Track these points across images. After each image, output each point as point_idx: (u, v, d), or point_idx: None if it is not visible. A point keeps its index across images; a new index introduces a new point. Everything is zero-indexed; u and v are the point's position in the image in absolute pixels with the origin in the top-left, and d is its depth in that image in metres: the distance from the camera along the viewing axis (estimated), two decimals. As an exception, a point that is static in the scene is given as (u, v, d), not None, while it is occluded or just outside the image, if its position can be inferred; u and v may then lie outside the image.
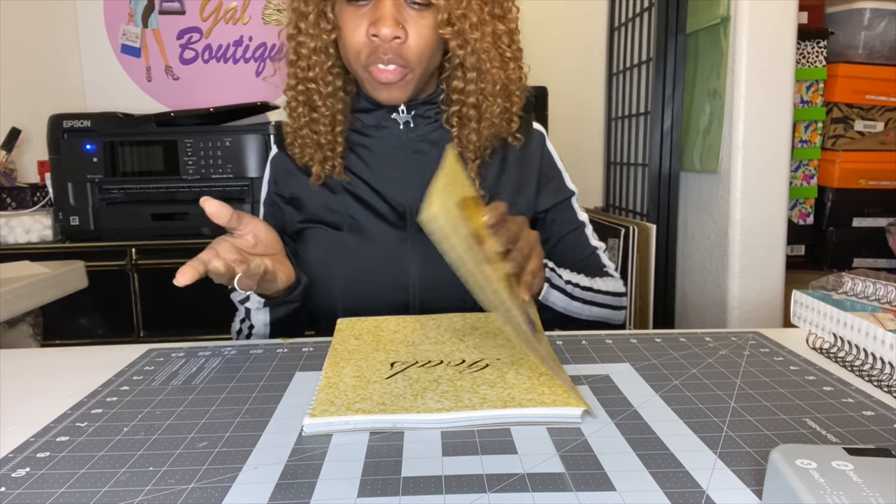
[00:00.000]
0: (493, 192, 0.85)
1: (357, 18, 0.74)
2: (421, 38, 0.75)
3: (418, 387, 0.53)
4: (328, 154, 0.83)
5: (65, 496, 0.39)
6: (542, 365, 0.56)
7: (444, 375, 0.55)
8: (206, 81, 2.13)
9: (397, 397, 0.51)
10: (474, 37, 0.75)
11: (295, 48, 0.79)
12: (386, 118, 0.84)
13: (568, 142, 2.13)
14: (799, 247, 1.84)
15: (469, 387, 0.52)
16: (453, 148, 0.75)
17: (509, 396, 0.50)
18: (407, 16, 0.74)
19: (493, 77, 0.78)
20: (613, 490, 0.38)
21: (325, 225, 0.84)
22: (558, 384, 0.52)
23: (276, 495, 0.39)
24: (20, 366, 0.65)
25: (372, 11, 0.73)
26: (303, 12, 0.77)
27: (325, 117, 0.81)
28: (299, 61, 0.79)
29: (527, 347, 0.55)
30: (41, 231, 1.76)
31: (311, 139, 0.82)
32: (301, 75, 0.80)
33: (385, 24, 0.72)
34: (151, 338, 1.75)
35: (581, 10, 2.14)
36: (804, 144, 1.77)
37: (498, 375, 0.54)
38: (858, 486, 0.31)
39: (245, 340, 0.77)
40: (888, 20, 1.72)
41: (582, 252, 0.89)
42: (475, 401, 0.49)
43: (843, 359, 0.60)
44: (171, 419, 0.50)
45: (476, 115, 0.79)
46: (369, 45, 0.74)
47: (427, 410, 0.48)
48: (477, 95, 0.78)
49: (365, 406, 0.49)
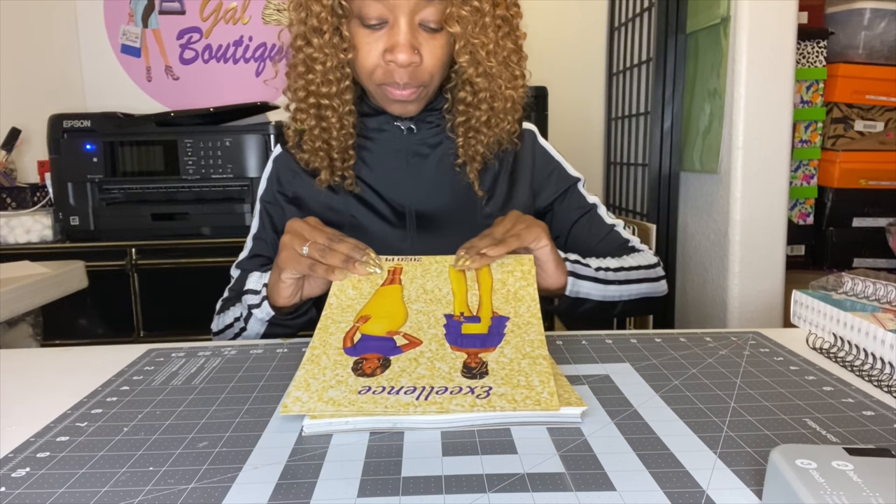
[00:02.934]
0: (489, 194, 0.85)
1: (372, 42, 0.74)
2: (434, 58, 0.75)
3: (397, 367, 0.53)
4: (338, 165, 0.82)
5: (65, 496, 0.39)
6: (532, 343, 0.58)
7: (427, 351, 0.56)
8: (206, 81, 2.13)
9: (371, 382, 0.51)
10: (490, 64, 0.76)
11: (305, 61, 0.78)
12: (388, 122, 0.84)
13: (568, 142, 2.13)
14: (799, 247, 1.84)
15: (447, 370, 0.53)
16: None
17: (483, 389, 0.50)
18: (421, 39, 0.74)
19: (504, 96, 0.79)
20: (613, 490, 0.38)
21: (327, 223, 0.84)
22: (539, 374, 0.52)
23: (276, 495, 0.39)
24: (20, 366, 0.65)
25: (387, 36, 0.73)
26: (316, 28, 0.75)
27: (340, 133, 0.80)
28: (309, 74, 0.78)
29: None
30: (41, 231, 1.76)
31: (324, 150, 0.82)
32: (313, 89, 0.78)
33: (402, 50, 0.72)
34: (151, 338, 1.75)
35: (581, 10, 2.14)
36: (804, 144, 1.77)
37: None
38: (858, 486, 0.31)
39: (245, 340, 0.77)
40: (888, 20, 1.72)
41: (599, 232, 0.89)
42: (447, 396, 0.49)
43: (843, 359, 0.60)
44: (171, 419, 0.50)
45: (487, 130, 0.81)
46: (384, 68, 0.74)
47: (395, 409, 0.48)
48: (488, 113, 0.80)
49: (337, 395, 0.49)
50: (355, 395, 0.49)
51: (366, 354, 0.56)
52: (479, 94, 0.79)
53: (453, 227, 0.83)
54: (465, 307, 0.63)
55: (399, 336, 0.59)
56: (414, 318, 0.61)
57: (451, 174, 0.85)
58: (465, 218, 0.84)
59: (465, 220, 0.84)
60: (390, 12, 0.72)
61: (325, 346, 0.57)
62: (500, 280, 0.67)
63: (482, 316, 0.62)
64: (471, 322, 0.61)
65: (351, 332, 0.59)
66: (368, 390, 0.50)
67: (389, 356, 0.55)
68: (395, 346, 0.57)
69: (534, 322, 0.61)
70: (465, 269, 0.67)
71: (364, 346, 0.57)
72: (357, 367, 0.54)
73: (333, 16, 0.74)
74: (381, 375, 0.52)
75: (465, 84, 0.79)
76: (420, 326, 0.60)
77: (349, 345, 0.57)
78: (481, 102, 0.79)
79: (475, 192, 0.84)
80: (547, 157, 0.91)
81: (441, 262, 0.71)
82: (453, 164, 0.84)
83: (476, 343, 0.57)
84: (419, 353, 0.56)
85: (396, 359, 0.55)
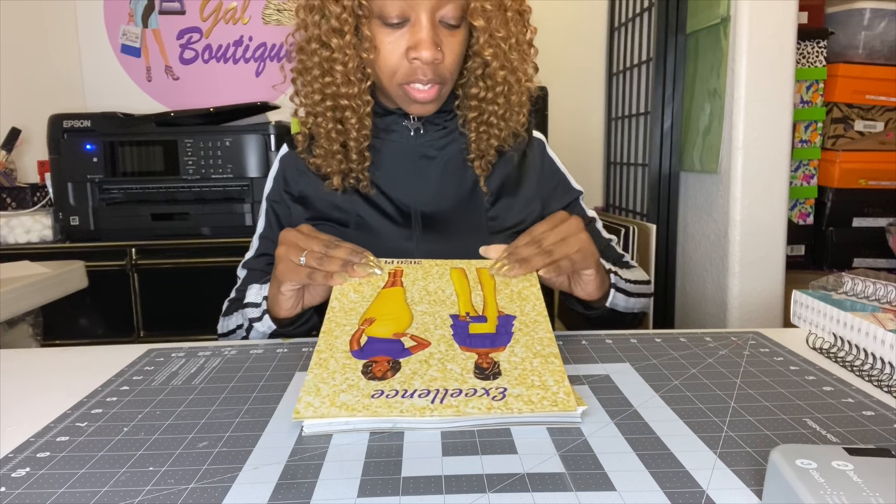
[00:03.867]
0: (495, 196, 0.85)
1: (395, 41, 0.74)
2: (454, 55, 0.76)
3: (407, 369, 0.53)
4: (354, 167, 0.82)
5: (65, 496, 0.39)
6: (542, 340, 0.57)
7: (437, 352, 0.55)
8: (206, 81, 2.13)
9: (384, 385, 0.51)
10: (513, 57, 0.77)
11: (322, 63, 0.76)
12: (397, 123, 0.84)
13: (568, 142, 2.13)
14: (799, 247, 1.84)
15: (459, 372, 0.52)
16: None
17: (497, 390, 0.50)
18: (442, 36, 0.74)
19: (521, 89, 0.80)
20: (613, 490, 0.38)
21: (333, 222, 0.84)
22: (553, 373, 0.52)
23: (276, 495, 0.39)
24: (20, 366, 0.65)
25: (410, 34, 0.73)
26: (336, 29, 0.74)
27: (359, 132, 0.80)
28: (326, 77, 0.77)
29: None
30: (41, 231, 1.76)
31: (341, 153, 0.81)
32: (331, 91, 0.78)
33: (426, 47, 0.72)
34: (151, 338, 1.75)
35: (581, 10, 2.14)
36: (804, 144, 1.77)
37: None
38: (858, 486, 0.31)
39: (244, 341, 0.77)
40: (888, 20, 1.72)
41: (598, 246, 0.90)
42: (462, 399, 0.49)
43: (843, 359, 0.60)
44: (171, 419, 0.50)
45: (503, 124, 0.82)
46: (408, 67, 0.74)
47: (411, 412, 0.47)
48: (505, 107, 0.81)
49: (350, 399, 0.49)
50: (368, 400, 0.49)
51: (375, 357, 0.55)
52: (497, 89, 0.79)
53: (458, 228, 0.83)
54: (469, 307, 0.63)
55: (406, 338, 0.58)
56: (419, 320, 0.60)
57: (457, 176, 0.85)
58: (470, 219, 0.84)
59: (470, 221, 0.84)
60: (412, 10, 0.72)
61: (331, 350, 0.56)
62: (503, 281, 0.67)
63: (488, 315, 0.61)
64: (477, 322, 0.60)
65: (357, 334, 0.58)
66: (381, 394, 0.49)
67: (399, 358, 0.54)
68: (404, 349, 0.56)
69: (541, 320, 0.60)
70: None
71: (371, 348, 0.56)
72: (367, 371, 0.53)
73: (353, 16, 0.74)
74: (393, 378, 0.52)
75: (479, 80, 0.80)
76: (427, 328, 0.59)
77: (356, 348, 0.56)
78: (498, 96, 0.80)
79: (481, 194, 0.84)
80: (554, 168, 0.92)
81: (442, 265, 0.70)
82: (465, 160, 0.84)
83: (486, 343, 0.57)
84: (429, 354, 0.55)
85: (406, 361, 0.54)
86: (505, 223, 0.84)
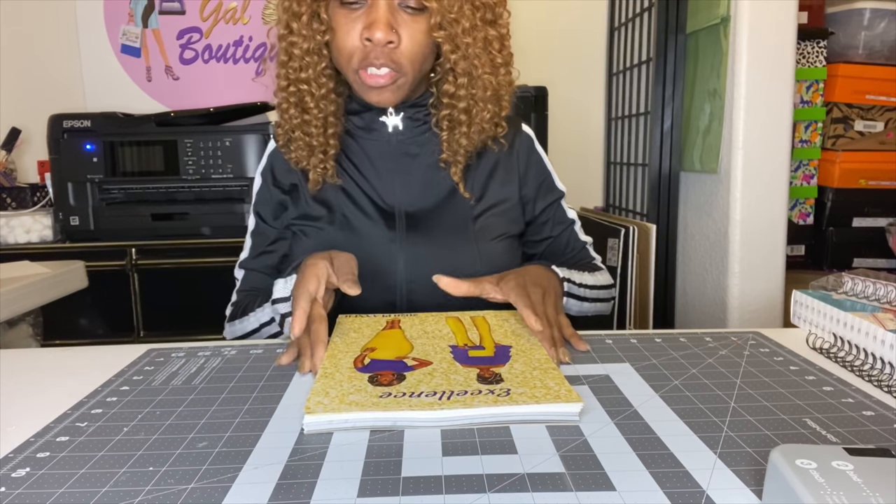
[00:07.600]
0: (478, 194, 0.85)
1: (350, 22, 0.74)
2: (414, 42, 0.74)
3: (412, 379, 0.54)
4: (321, 157, 0.82)
5: (65, 496, 0.39)
6: (539, 360, 0.59)
7: (439, 368, 0.57)
8: (206, 81, 2.13)
9: (391, 389, 0.52)
10: (466, 41, 0.75)
11: (286, 48, 0.78)
12: (375, 121, 0.84)
13: (568, 142, 2.13)
14: (799, 247, 1.84)
15: (463, 380, 0.54)
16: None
17: (502, 390, 0.51)
18: (401, 20, 0.73)
19: (483, 83, 0.78)
20: (613, 490, 0.38)
21: (318, 220, 0.84)
22: (553, 378, 0.53)
23: (276, 495, 0.39)
24: (20, 366, 0.65)
25: (366, 15, 0.73)
26: (295, 12, 0.76)
27: (318, 119, 0.80)
28: (291, 62, 0.78)
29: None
30: (41, 231, 1.76)
31: (304, 141, 0.81)
32: (293, 76, 0.79)
33: (379, 28, 0.71)
34: (151, 338, 1.75)
35: (581, 10, 2.14)
36: (804, 144, 1.77)
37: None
38: (858, 486, 0.31)
39: (244, 341, 0.77)
40: (888, 20, 1.72)
41: (574, 248, 0.94)
42: (469, 396, 0.50)
43: (843, 359, 0.60)
44: (171, 419, 0.50)
45: (467, 119, 0.80)
46: (362, 50, 0.74)
47: (420, 406, 0.48)
48: (468, 100, 0.79)
49: (359, 398, 0.50)
50: (377, 399, 0.50)
51: (379, 372, 0.56)
52: (459, 80, 0.78)
53: (443, 228, 0.83)
54: (467, 340, 0.65)
55: (408, 359, 0.60)
56: (420, 349, 0.63)
57: (440, 174, 0.84)
58: (454, 218, 0.84)
59: (454, 220, 0.83)
60: None
61: (336, 367, 0.58)
62: (497, 322, 0.71)
63: (486, 346, 0.64)
64: (476, 349, 0.62)
65: (360, 357, 0.60)
66: (389, 395, 0.51)
67: (403, 373, 0.56)
68: (407, 367, 0.58)
69: (537, 347, 0.62)
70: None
71: (375, 366, 0.58)
72: (373, 380, 0.54)
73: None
74: (399, 385, 0.53)
75: (449, 73, 0.79)
76: (427, 353, 0.61)
77: (360, 366, 0.58)
78: (460, 88, 0.78)
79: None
80: (541, 166, 0.91)
81: (437, 316, 0.73)
82: (438, 162, 0.84)
83: (485, 363, 0.59)
84: (432, 369, 0.57)
85: (411, 374, 0.56)
86: (489, 224, 0.84)
